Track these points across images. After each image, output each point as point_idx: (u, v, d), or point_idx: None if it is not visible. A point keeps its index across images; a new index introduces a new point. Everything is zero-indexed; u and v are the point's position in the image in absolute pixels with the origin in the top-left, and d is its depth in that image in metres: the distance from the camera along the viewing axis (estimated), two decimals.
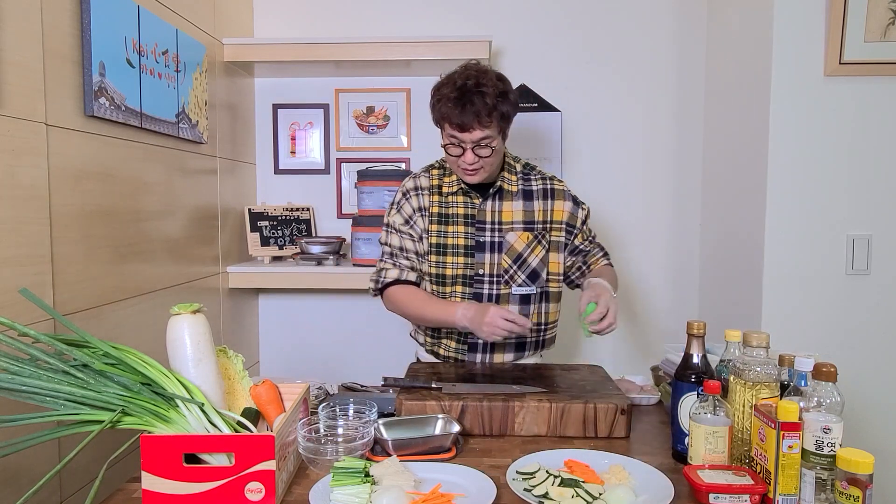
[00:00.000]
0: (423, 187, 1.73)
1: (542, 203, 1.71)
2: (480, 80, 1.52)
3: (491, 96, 1.51)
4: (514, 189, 1.70)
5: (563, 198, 1.73)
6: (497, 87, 1.53)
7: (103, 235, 1.62)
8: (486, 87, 1.51)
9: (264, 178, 2.72)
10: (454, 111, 1.51)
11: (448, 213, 1.70)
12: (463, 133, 1.54)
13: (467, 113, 1.50)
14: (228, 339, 2.42)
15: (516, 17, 2.61)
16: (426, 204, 1.71)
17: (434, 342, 1.77)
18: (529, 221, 1.70)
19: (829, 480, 1.01)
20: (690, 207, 2.64)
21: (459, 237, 1.69)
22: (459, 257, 1.69)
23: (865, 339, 2.03)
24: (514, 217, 1.70)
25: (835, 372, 1.06)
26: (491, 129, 1.54)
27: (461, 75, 1.55)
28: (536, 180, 1.74)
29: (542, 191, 1.72)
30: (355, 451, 1.17)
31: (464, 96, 1.51)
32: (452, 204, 1.70)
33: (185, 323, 1.13)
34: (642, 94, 2.61)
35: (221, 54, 2.36)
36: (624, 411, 1.34)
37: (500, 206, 1.70)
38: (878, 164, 2.00)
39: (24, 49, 1.34)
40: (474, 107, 1.50)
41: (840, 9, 1.92)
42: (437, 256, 1.70)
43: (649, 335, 2.66)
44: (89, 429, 1.02)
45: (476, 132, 1.53)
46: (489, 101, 1.51)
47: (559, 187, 1.74)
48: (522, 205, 1.70)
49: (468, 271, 1.69)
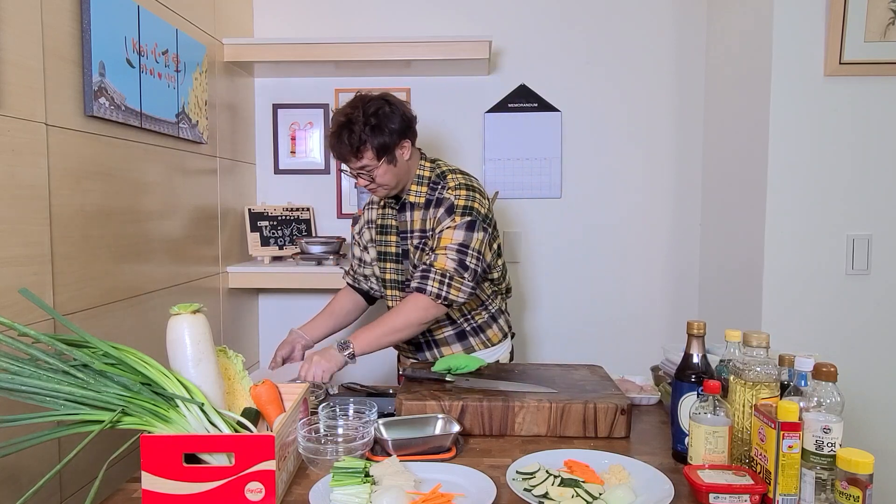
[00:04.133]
0: (373, 202, 1.91)
1: (433, 211, 1.74)
2: (352, 117, 1.64)
3: (357, 133, 1.63)
4: (421, 200, 1.77)
5: (442, 205, 1.71)
6: (369, 122, 1.63)
7: (103, 235, 1.62)
8: (355, 123, 1.63)
9: (264, 178, 2.72)
10: (333, 145, 1.67)
11: (385, 224, 1.86)
12: (346, 163, 1.70)
13: (341, 148, 1.65)
14: (228, 339, 2.42)
15: (516, 17, 2.61)
16: (373, 217, 1.90)
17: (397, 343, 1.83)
18: (423, 230, 1.77)
19: (829, 480, 1.01)
20: (690, 207, 2.64)
21: (391, 245, 1.84)
22: (392, 264, 1.85)
23: (865, 339, 2.03)
24: (416, 226, 1.78)
25: (835, 372, 1.06)
26: (364, 159, 1.66)
27: (340, 111, 1.68)
28: (439, 189, 1.75)
29: (436, 199, 1.74)
30: (355, 451, 1.17)
31: (337, 130, 1.65)
32: (387, 215, 1.85)
33: (185, 323, 1.13)
34: (642, 94, 2.61)
35: (221, 54, 2.36)
36: (624, 411, 1.34)
37: (411, 216, 1.79)
38: (878, 164, 2.00)
39: (24, 49, 1.34)
40: (344, 144, 1.64)
41: (840, 9, 1.92)
42: (381, 263, 1.88)
43: (649, 335, 2.66)
44: (89, 429, 1.02)
45: (354, 163, 1.67)
46: (355, 139, 1.63)
47: (447, 195, 1.72)
48: (422, 214, 1.77)
49: (400, 276, 1.84)
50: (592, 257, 2.67)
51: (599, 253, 2.66)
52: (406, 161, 1.73)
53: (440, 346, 1.84)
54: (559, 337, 2.71)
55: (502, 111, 2.63)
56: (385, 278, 1.87)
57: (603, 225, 2.66)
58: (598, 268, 2.68)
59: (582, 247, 2.67)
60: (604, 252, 2.67)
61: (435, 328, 1.81)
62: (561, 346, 2.71)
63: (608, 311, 2.68)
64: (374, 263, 1.90)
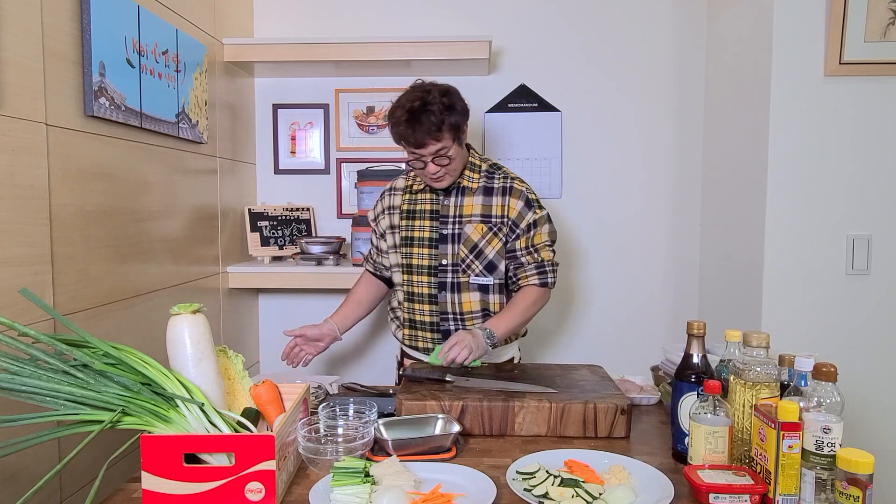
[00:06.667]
0: (397, 188, 1.91)
1: (500, 199, 1.80)
2: (426, 99, 1.66)
3: (437, 113, 1.65)
4: (474, 186, 1.81)
5: (518, 196, 1.80)
6: (442, 103, 1.67)
7: (103, 235, 1.62)
8: (431, 104, 1.65)
9: (264, 178, 2.72)
10: (407, 131, 1.66)
11: (416, 210, 1.85)
12: (420, 149, 1.68)
13: (419, 131, 1.65)
14: (228, 339, 2.42)
15: (516, 17, 2.61)
16: (397, 203, 1.89)
17: (412, 335, 1.88)
18: (487, 215, 1.80)
19: (829, 480, 1.01)
20: (690, 207, 2.64)
21: (425, 230, 1.82)
22: (424, 249, 1.82)
23: (865, 339, 2.03)
24: (474, 210, 1.80)
25: (835, 372, 1.06)
26: (444, 140, 1.67)
27: (408, 98, 1.69)
28: (499, 178, 1.83)
29: (501, 188, 1.81)
30: (355, 451, 1.17)
31: (413, 116, 1.65)
32: (420, 200, 1.85)
33: (185, 323, 1.13)
34: (642, 94, 2.61)
35: (221, 54, 2.36)
36: (624, 411, 1.34)
37: (461, 201, 1.81)
38: (878, 164, 2.00)
39: (24, 49, 1.34)
40: (423, 125, 1.65)
41: (840, 9, 1.92)
42: (406, 248, 1.85)
43: (649, 335, 2.66)
44: (89, 429, 1.02)
45: (431, 146, 1.67)
46: (435, 118, 1.65)
47: (518, 187, 1.82)
48: (482, 199, 1.80)
49: (432, 262, 1.81)
50: (592, 257, 2.67)
51: (599, 253, 2.66)
52: (464, 144, 1.78)
53: None
54: (559, 337, 2.71)
55: (502, 111, 2.63)
56: (411, 263, 1.84)
57: (603, 225, 2.66)
58: (598, 268, 2.67)
59: (582, 247, 2.67)
60: (604, 252, 2.66)
61: (469, 321, 1.81)
62: (561, 346, 2.71)
63: (608, 311, 2.68)
64: (394, 250, 1.88)
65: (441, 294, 1.80)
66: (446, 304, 1.80)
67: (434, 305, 1.81)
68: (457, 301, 1.80)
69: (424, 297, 1.82)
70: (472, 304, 1.80)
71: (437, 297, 1.81)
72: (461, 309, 1.80)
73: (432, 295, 1.81)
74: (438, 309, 1.81)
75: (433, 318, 1.83)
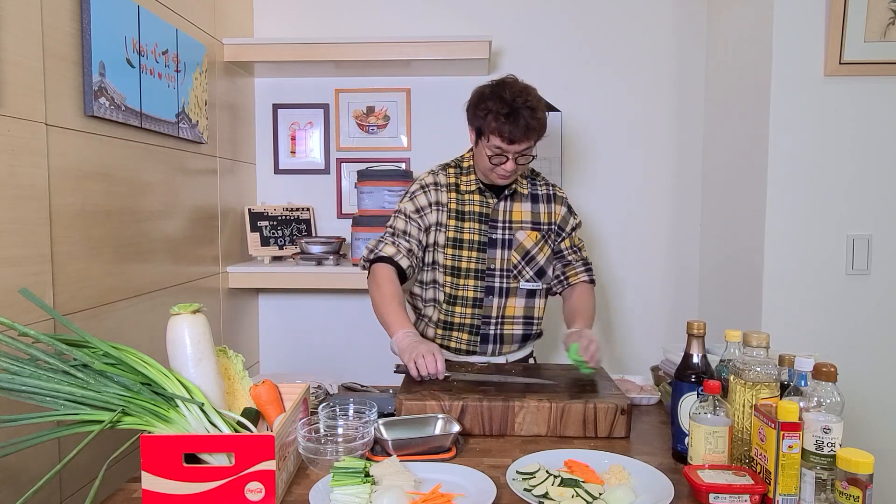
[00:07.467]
0: (441, 184, 1.81)
1: (546, 206, 1.84)
2: (528, 97, 1.63)
3: (541, 110, 1.64)
4: (524, 192, 1.83)
5: (561, 203, 1.87)
6: (542, 102, 1.66)
7: (103, 235, 1.62)
8: (536, 105, 1.63)
9: (264, 178, 2.72)
10: (506, 126, 1.61)
11: (465, 211, 1.79)
12: (511, 145, 1.64)
13: (519, 128, 1.61)
14: (228, 339, 2.42)
15: (516, 17, 2.61)
16: (444, 200, 1.79)
17: (445, 335, 1.83)
18: (537, 222, 1.82)
19: (829, 480, 1.01)
20: (690, 207, 2.64)
21: (474, 233, 1.78)
22: (473, 252, 1.78)
23: (865, 339, 2.03)
24: (524, 217, 1.81)
25: (835, 372, 1.06)
26: (534, 140, 1.67)
27: (509, 90, 1.63)
28: (541, 185, 1.87)
29: (545, 195, 1.86)
30: (355, 451, 1.17)
31: (515, 111, 1.60)
32: (469, 202, 1.79)
33: (185, 323, 1.13)
34: (642, 94, 2.61)
35: (221, 54, 2.36)
36: (624, 411, 1.34)
37: (511, 207, 1.81)
38: (878, 164, 2.00)
39: (24, 49, 1.34)
40: (526, 122, 1.61)
41: (840, 9, 1.92)
42: (454, 250, 1.78)
43: (649, 335, 2.66)
44: (89, 429, 1.02)
45: (522, 144, 1.64)
46: (540, 116, 1.63)
47: (559, 194, 1.88)
48: (531, 206, 1.83)
49: (480, 265, 1.78)
50: (592, 257, 2.65)
51: (599, 252, 2.66)
52: None
53: (505, 342, 1.83)
54: (560, 337, 2.70)
55: None
56: (459, 266, 1.77)
57: (603, 224, 2.66)
58: (597, 267, 2.66)
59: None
60: (604, 252, 2.66)
61: (510, 325, 1.82)
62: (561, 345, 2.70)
63: (608, 311, 2.68)
64: (440, 249, 1.77)
65: (488, 298, 1.78)
66: (491, 308, 1.79)
67: (478, 309, 1.78)
68: (502, 305, 1.79)
69: (469, 300, 1.78)
70: (517, 310, 1.81)
71: (483, 301, 1.78)
72: (504, 313, 1.80)
73: (477, 298, 1.78)
74: (482, 312, 1.79)
75: (474, 321, 1.79)
